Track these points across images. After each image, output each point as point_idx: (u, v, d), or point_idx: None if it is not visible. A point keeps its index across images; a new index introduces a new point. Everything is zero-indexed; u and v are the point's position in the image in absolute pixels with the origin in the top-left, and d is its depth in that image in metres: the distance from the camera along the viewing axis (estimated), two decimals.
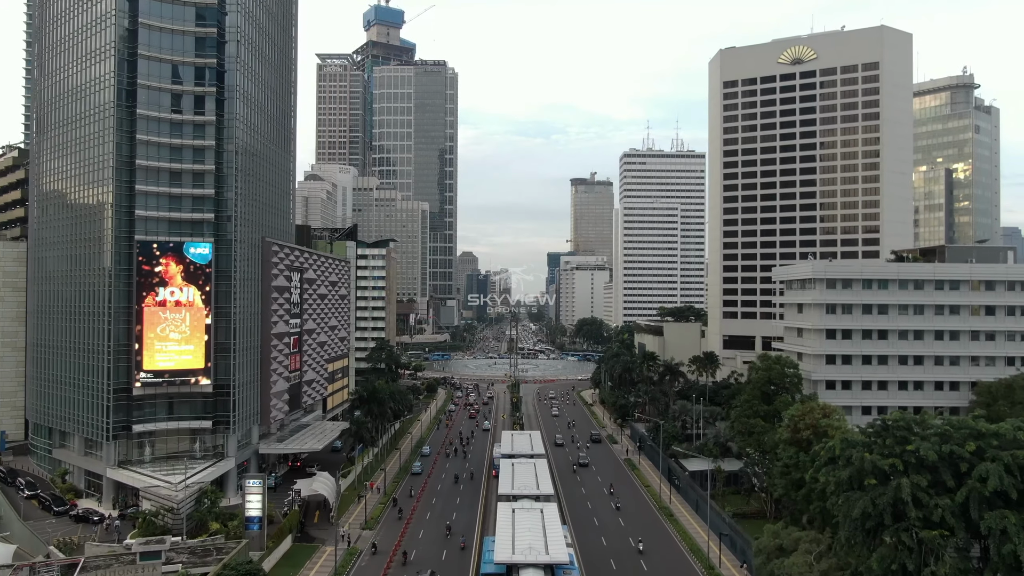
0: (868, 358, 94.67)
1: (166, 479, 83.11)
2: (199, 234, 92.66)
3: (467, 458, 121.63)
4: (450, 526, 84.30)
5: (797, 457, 68.12)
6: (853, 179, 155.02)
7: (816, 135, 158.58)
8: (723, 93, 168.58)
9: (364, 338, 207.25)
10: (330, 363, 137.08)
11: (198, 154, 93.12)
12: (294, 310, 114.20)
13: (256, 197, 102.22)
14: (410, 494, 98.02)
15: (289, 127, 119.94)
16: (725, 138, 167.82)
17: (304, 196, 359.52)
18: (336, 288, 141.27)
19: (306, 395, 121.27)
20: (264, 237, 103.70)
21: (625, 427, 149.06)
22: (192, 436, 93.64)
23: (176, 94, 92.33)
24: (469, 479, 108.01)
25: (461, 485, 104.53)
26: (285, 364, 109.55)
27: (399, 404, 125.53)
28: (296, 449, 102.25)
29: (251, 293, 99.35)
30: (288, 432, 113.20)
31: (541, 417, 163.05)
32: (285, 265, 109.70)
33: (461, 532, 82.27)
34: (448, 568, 71.39)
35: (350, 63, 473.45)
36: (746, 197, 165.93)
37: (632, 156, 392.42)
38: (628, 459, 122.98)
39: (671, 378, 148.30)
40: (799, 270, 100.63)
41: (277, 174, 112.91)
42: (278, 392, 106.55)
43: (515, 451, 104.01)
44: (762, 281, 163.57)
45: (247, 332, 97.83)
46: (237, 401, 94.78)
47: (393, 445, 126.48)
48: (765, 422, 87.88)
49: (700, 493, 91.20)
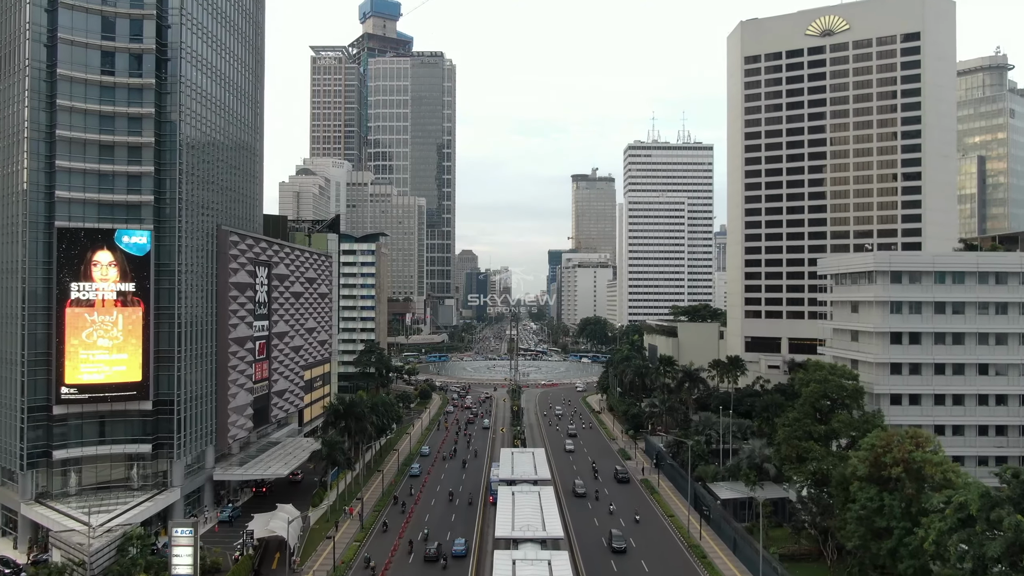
0: (941, 366, 78.94)
1: (87, 519, 67.54)
2: (136, 220, 77.14)
3: (463, 469, 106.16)
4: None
5: (881, 500, 52.65)
6: (891, 163, 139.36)
7: (849, 114, 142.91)
8: (744, 70, 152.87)
9: (352, 340, 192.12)
10: (307, 370, 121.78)
11: (135, 124, 77.58)
12: (260, 310, 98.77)
13: (210, 178, 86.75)
14: (384, 528, 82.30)
15: (257, 102, 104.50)
16: (747, 119, 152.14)
17: (295, 191, 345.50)
18: (315, 285, 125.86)
19: (277, 408, 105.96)
20: (220, 225, 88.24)
21: (638, 439, 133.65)
22: (129, 463, 78.16)
23: (108, 52, 76.74)
24: (467, 505, 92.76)
25: (453, 515, 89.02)
26: (248, 373, 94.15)
27: (384, 417, 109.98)
28: (257, 475, 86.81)
29: (203, 291, 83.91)
30: (255, 451, 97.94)
31: (545, 431, 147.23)
32: (248, 258, 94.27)
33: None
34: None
35: (345, 56, 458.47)
36: (770, 184, 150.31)
37: (637, 148, 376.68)
38: (645, 480, 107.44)
39: (690, 385, 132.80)
40: (855, 261, 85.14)
41: (240, 154, 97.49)
42: (239, 406, 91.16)
43: (516, 474, 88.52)
44: (789, 277, 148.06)
45: (197, 337, 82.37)
46: (184, 419, 79.37)
47: (376, 465, 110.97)
48: (819, 444, 72.53)
49: (738, 530, 75.80)
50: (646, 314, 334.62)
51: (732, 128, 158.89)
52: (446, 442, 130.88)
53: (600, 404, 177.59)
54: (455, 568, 71.15)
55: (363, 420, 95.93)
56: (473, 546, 76.88)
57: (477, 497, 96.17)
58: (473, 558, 73.87)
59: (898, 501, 51.47)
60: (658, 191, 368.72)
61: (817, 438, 72.43)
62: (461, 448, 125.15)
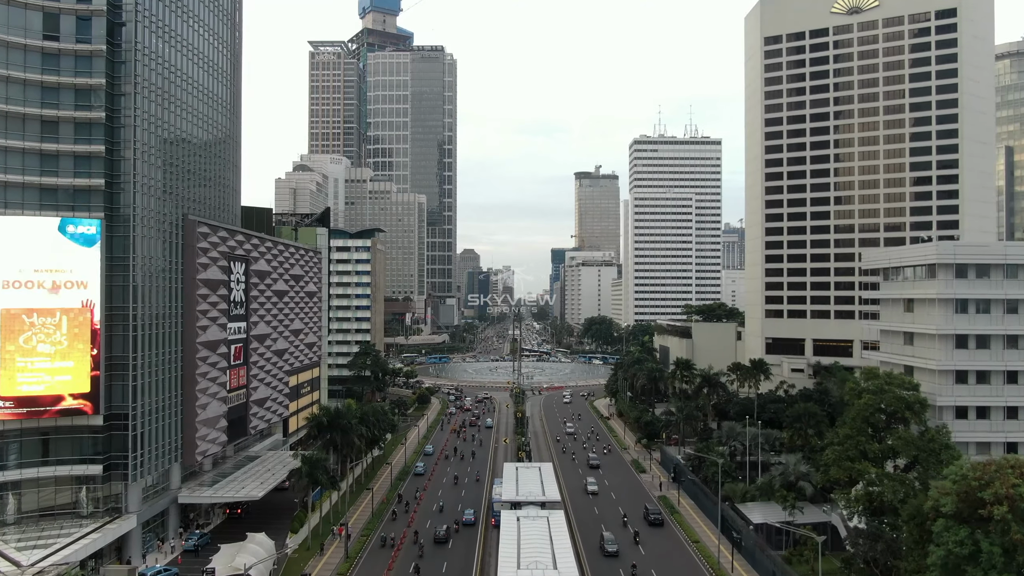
0: (1013, 374, 68.56)
1: (19, 556, 57.66)
2: (83, 207, 67.08)
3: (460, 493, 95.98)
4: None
5: (975, 545, 42.47)
6: (925, 150, 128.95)
7: (879, 98, 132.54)
8: (763, 52, 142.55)
9: (347, 342, 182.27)
10: (293, 375, 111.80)
11: (83, 97, 67.54)
12: (236, 311, 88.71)
13: (176, 162, 76.71)
14: (380, 546, 72.19)
15: (235, 81, 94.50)
16: (767, 104, 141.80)
17: (292, 188, 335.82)
18: (301, 283, 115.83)
19: (256, 418, 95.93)
20: (187, 214, 78.19)
21: (652, 448, 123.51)
22: (77, 486, 68.12)
23: (51, 13, 66.74)
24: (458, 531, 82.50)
25: (450, 542, 78.88)
26: (221, 381, 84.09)
27: (376, 428, 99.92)
28: (227, 497, 76.61)
29: (165, 289, 73.87)
30: (231, 467, 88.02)
31: (551, 438, 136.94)
32: (221, 252, 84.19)
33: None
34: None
35: (344, 51, 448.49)
36: (793, 175, 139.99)
37: (643, 143, 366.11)
38: (663, 497, 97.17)
39: (709, 391, 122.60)
40: (912, 253, 74.77)
41: (213, 137, 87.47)
42: (210, 418, 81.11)
43: (521, 495, 78.77)
44: (813, 274, 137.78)
45: (158, 341, 72.35)
46: (142, 436, 69.36)
47: (367, 480, 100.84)
48: (874, 465, 62.28)
49: (776, 562, 65.56)
50: (653, 313, 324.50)
51: (751, 115, 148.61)
52: (442, 461, 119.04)
53: (609, 409, 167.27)
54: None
55: (350, 433, 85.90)
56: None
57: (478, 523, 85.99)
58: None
59: (999, 548, 41.27)
60: (665, 187, 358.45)
61: (872, 458, 62.19)
62: (460, 470, 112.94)
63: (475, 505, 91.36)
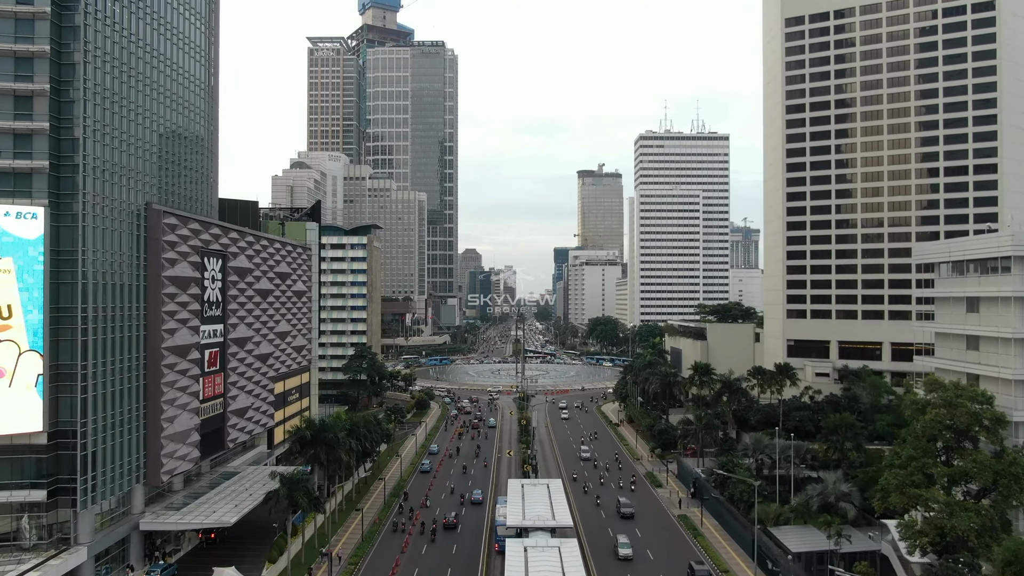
0: None
1: None
2: (24, 194, 58.21)
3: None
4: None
5: None
6: (960, 137, 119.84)
7: (910, 82, 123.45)
8: (784, 34, 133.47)
9: (342, 344, 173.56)
10: (279, 381, 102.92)
11: (24, 67, 58.67)
12: (210, 311, 79.81)
13: (134, 142, 67.82)
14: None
15: (210, 59, 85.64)
16: (788, 90, 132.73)
17: (289, 185, 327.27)
18: (288, 282, 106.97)
19: (236, 430, 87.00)
20: (151, 203, 69.33)
21: (667, 459, 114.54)
22: (19, 513, 59.23)
23: None
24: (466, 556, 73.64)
25: (449, 570, 70.03)
26: (192, 390, 75.20)
27: (367, 440, 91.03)
28: (195, 524, 67.54)
29: (124, 287, 65.02)
30: (206, 485, 79.15)
31: (559, 448, 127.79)
32: (192, 247, 75.29)
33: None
34: None
35: (344, 47, 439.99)
36: (817, 164, 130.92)
37: (649, 138, 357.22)
38: (684, 516, 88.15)
39: (729, 397, 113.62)
40: (977, 245, 65.62)
41: (183, 118, 78.60)
42: (178, 433, 72.22)
43: (528, 518, 70.12)
44: (839, 271, 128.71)
45: (115, 347, 63.48)
46: (95, 455, 60.53)
47: (358, 498, 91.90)
48: (942, 492, 53.30)
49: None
50: (659, 313, 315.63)
51: (769, 102, 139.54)
52: (441, 475, 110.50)
53: (618, 415, 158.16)
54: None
55: (337, 448, 76.90)
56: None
57: (479, 547, 77.12)
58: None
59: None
60: (671, 184, 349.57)
61: (938, 483, 53.20)
62: (460, 483, 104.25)
63: (474, 534, 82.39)
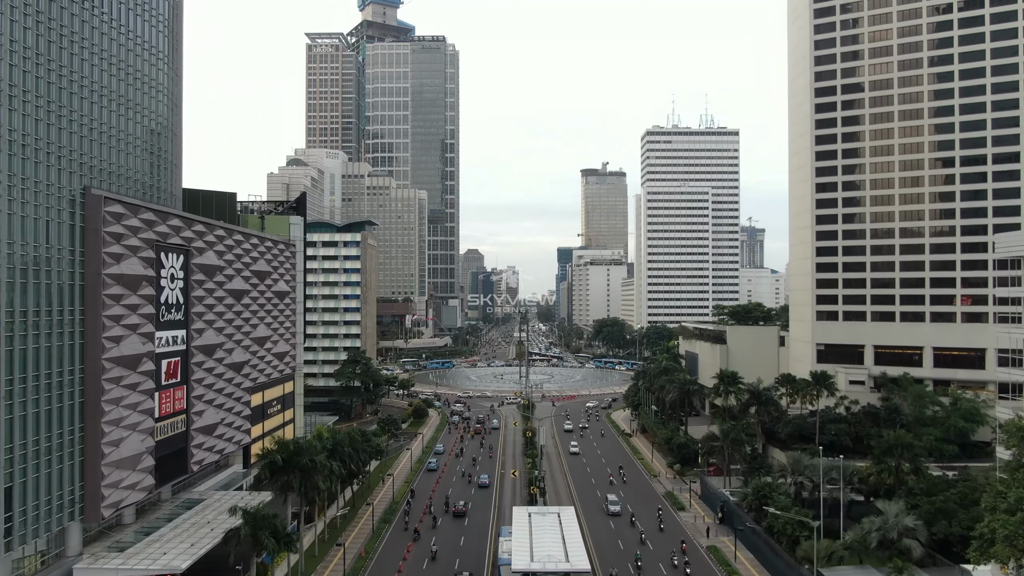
0: None
1: None
2: None
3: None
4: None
5: None
6: (1011, 120, 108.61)
7: (953, 60, 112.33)
8: (813, 11, 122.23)
9: (334, 348, 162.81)
10: (256, 392, 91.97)
11: None
12: (169, 315, 69.01)
13: (72, 117, 57.05)
14: None
15: (173, 25, 74.92)
16: (817, 71, 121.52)
17: (285, 183, 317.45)
18: (268, 281, 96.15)
19: (202, 450, 76.08)
20: (91, 188, 58.56)
21: (687, 476, 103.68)
22: None
23: None
24: None
25: None
26: (145, 408, 64.34)
27: (353, 460, 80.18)
28: (139, 570, 56.42)
29: (55, 288, 54.24)
30: (163, 517, 68.37)
31: (569, 470, 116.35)
32: (144, 240, 64.46)
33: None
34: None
35: (342, 43, 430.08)
36: (849, 153, 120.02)
37: (656, 134, 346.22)
38: (713, 547, 77.14)
39: (758, 408, 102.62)
40: None
41: (138, 92, 67.84)
42: (125, 458, 61.35)
43: (537, 560, 59.37)
44: (874, 269, 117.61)
45: (42, 359, 52.68)
46: (11, 490, 49.76)
47: (343, 525, 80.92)
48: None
49: None
50: (667, 314, 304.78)
51: (796, 86, 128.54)
52: (438, 493, 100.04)
53: (631, 425, 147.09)
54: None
55: (314, 474, 65.93)
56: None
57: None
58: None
59: None
60: (679, 180, 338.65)
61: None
62: (457, 496, 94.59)
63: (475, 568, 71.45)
